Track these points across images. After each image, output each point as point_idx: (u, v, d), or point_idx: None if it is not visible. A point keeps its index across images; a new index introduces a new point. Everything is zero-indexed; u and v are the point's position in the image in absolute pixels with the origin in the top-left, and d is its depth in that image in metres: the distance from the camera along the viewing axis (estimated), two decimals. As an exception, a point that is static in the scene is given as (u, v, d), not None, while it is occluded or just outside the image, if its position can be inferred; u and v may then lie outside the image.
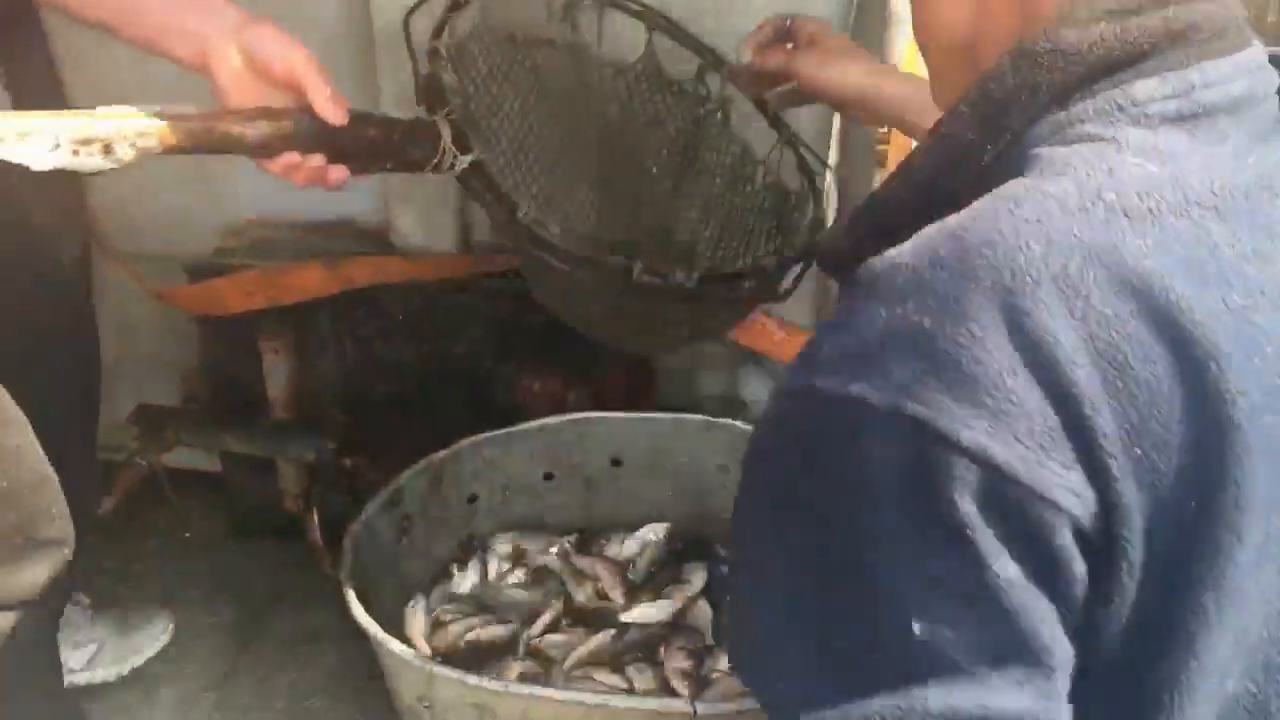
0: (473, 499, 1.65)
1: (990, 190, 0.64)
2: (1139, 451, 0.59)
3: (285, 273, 1.69)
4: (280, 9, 1.60)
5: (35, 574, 1.11)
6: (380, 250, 1.78)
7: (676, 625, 1.52)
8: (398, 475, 1.54)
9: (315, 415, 1.82)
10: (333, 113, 1.07)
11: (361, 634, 1.27)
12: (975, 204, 0.63)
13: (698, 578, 1.59)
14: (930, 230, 0.64)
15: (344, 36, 1.65)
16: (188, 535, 1.93)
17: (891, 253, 0.64)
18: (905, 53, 2.15)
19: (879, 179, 2.14)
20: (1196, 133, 0.66)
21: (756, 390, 1.82)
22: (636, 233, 1.34)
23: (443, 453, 1.59)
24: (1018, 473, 0.58)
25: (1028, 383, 0.58)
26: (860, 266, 0.65)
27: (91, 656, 1.65)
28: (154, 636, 1.71)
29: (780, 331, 1.73)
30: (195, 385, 1.88)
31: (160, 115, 1.04)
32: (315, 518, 1.75)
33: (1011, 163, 0.66)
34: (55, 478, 1.11)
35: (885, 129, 2.70)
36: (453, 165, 1.14)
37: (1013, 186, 0.63)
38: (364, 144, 1.12)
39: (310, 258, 1.74)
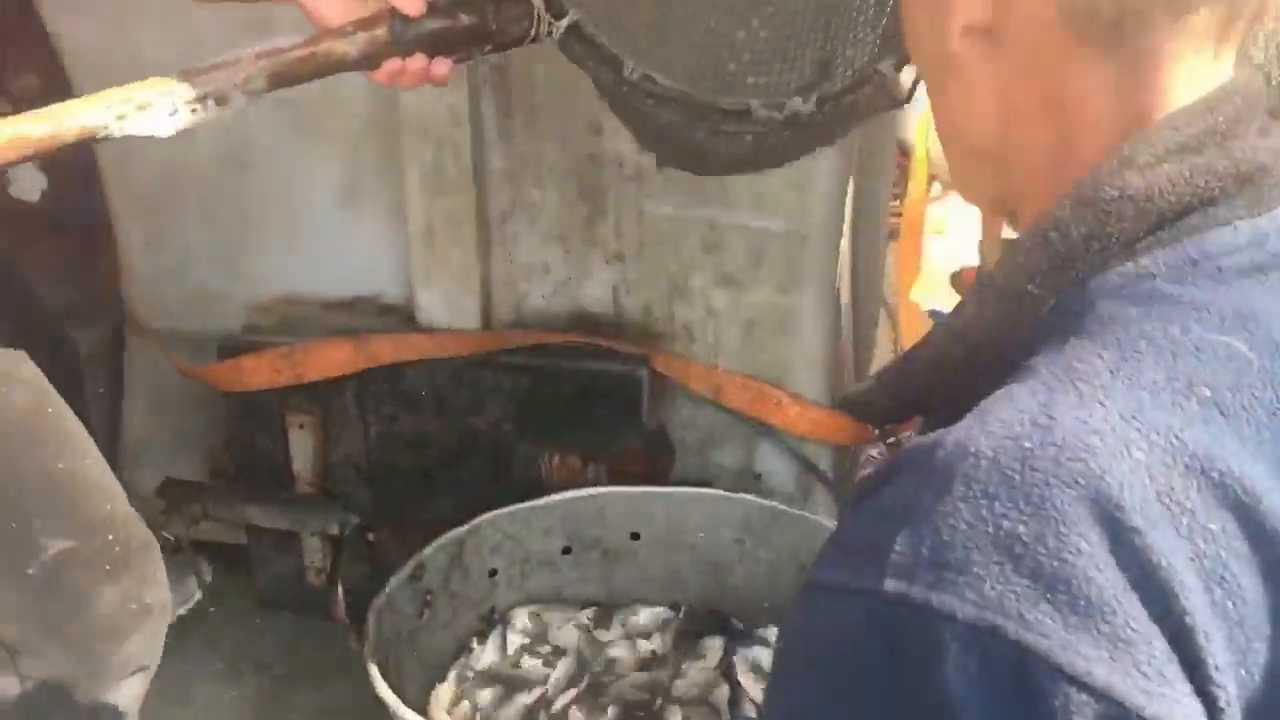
0: (493, 573, 1.67)
1: (1052, 344, 0.60)
2: (1244, 674, 0.54)
3: (312, 350, 1.74)
4: (310, 95, 1.68)
5: (151, 640, 1.13)
6: (404, 327, 1.83)
7: (693, 700, 1.53)
8: (420, 549, 1.57)
9: (339, 489, 1.85)
10: (409, 4, 1.06)
11: (383, 708, 1.29)
12: (1051, 377, 0.58)
13: (714, 652, 1.61)
14: (1003, 411, 0.57)
15: (371, 123, 1.71)
16: (212, 609, 1.95)
17: (960, 436, 0.56)
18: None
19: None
20: (1267, 283, 0.61)
21: (771, 463, 1.85)
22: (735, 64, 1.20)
23: (464, 527, 1.62)
24: (1143, 707, 0.50)
25: (1139, 607, 0.52)
26: (917, 445, 0.59)
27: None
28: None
29: (795, 405, 1.76)
30: (222, 459, 1.91)
31: (261, 55, 1.05)
32: (339, 591, 1.77)
33: (1076, 317, 0.61)
34: (156, 542, 1.13)
35: (896, 200, 2.76)
36: (550, 32, 1.12)
37: (1096, 367, 0.58)
38: (459, 33, 1.10)
39: (337, 334, 1.80)
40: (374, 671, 1.31)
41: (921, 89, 1.01)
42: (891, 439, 1.20)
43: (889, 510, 0.57)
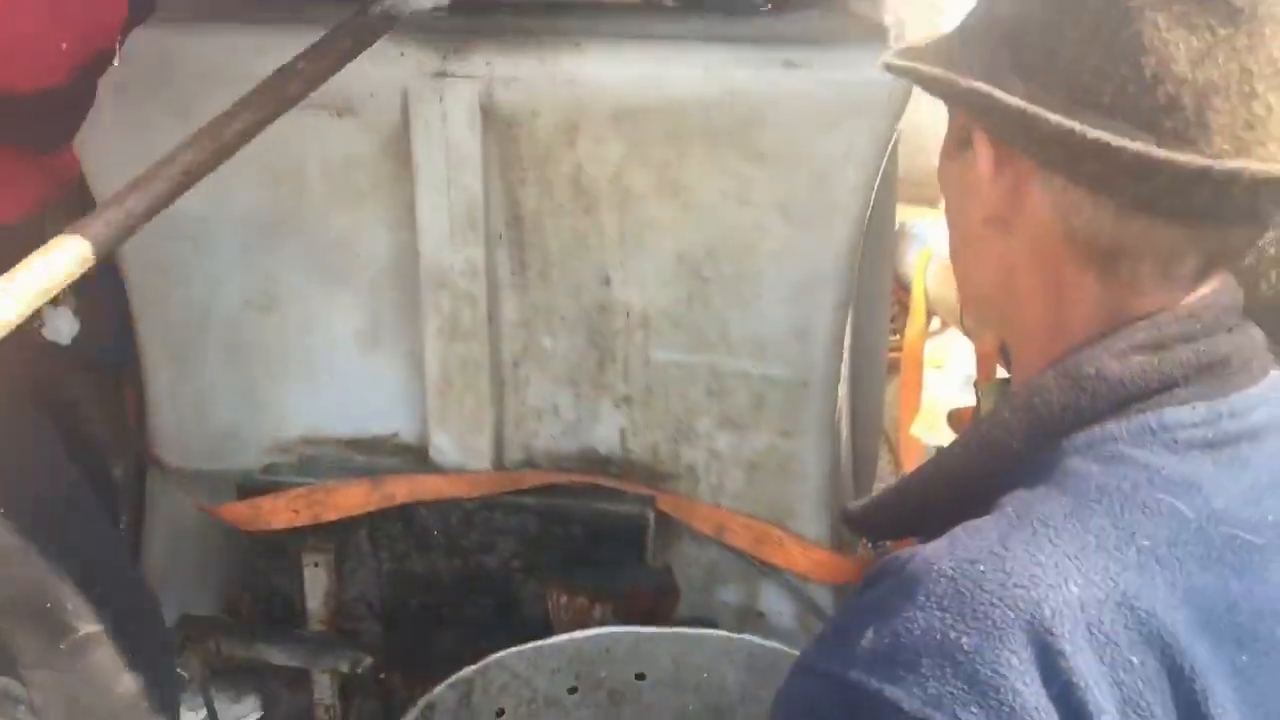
0: (500, 713, 1.70)
1: (1024, 487, 0.71)
2: None
3: (330, 491, 1.80)
4: (331, 241, 1.77)
5: None
6: (419, 465, 1.89)
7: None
8: (429, 689, 1.61)
9: (352, 627, 1.89)
10: None
11: None
12: (1014, 515, 0.69)
13: (719, 794, 1.63)
14: (968, 539, 0.68)
15: (392, 272, 1.80)
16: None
17: (929, 553, 0.68)
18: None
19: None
20: (1220, 459, 0.72)
21: (774, 602, 1.89)
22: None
23: (473, 667, 1.65)
24: None
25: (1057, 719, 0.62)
26: (893, 556, 0.70)
27: None
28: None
29: (796, 546, 1.81)
30: (238, 595, 1.96)
31: None
32: (349, 729, 1.80)
33: (1046, 467, 0.72)
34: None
35: (896, 334, 2.84)
36: None
37: (1053, 510, 0.68)
38: None
39: (353, 472, 1.86)
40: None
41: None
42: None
43: (864, 608, 0.69)
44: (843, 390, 1.83)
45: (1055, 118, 0.71)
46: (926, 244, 3.03)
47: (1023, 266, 0.79)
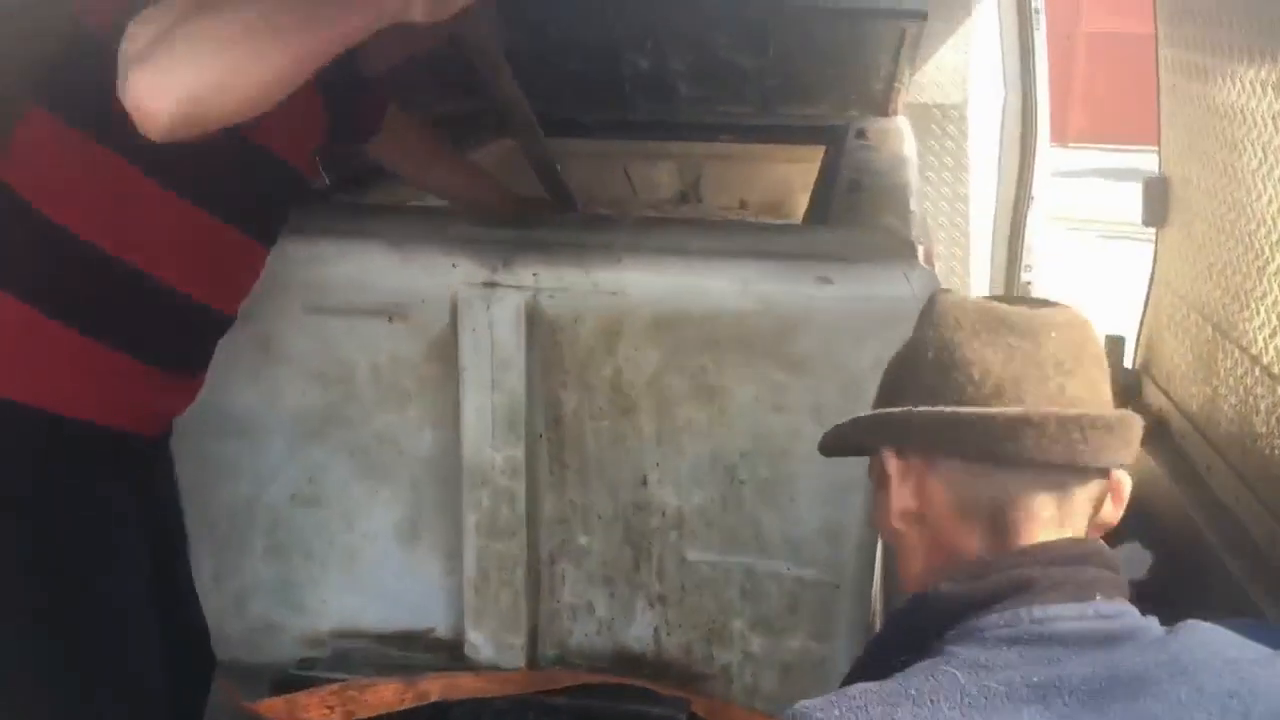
0: None
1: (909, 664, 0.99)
2: None
3: (364, 689, 1.80)
4: (376, 439, 1.83)
5: None
6: (453, 661, 1.90)
7: None
8: None
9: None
10: None
11: None
12: (890, 681, 0.96)
13: None
14: (847, 692, 0.97)
15: (434, 470, 1.85)
16: None
17: (809, 703, 0.97)
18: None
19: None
20: (1026, 653, 0.95)
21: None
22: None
23: None
24: None
25: None
26: (788, 707, 0.98)
27: None
28: None
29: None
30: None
31: None
32: None
33: (916, 653, 1.00)
34: None
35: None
36: None
37: (912, 679, 0.96)
38: None
39: (387, 667, 1.86)
40: None
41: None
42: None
43: None
44: (876, 592, 1.84)
45: (925, 409, 1.04)
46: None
47: (939, 546, 1.07)
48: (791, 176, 3.09)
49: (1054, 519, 1.03)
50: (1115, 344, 2.31)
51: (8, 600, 1.51)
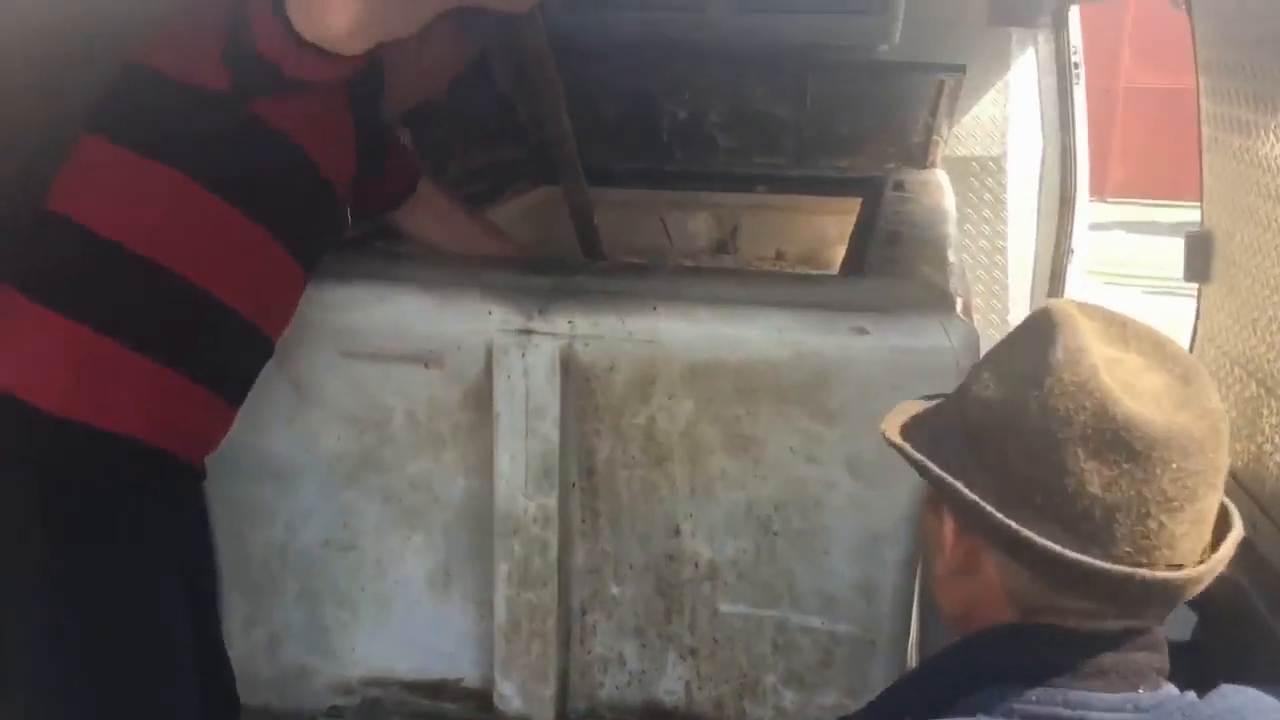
0: None
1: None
2: None
3: (392, 737, 1.79)
4: (411, 484, 1.83)
5: None
6: (482, 712, 1.88)
7: None
8: None
9: None
10: None
11: None
12: None
13: None
14: None
15: (466, 517, 1.84)
16: None
17: None
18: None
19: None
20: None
21: None
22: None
23: None
24: None
25: None
26: None
27: None
28: None
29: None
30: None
31: None
32: None
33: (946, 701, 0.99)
34: None
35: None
36: None
37: None
38: None
39: (417, 717, 1.85)
40: None
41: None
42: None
43: None
44: (912, 650, 1.81)
45: (998, 516, 0.95)
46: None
47: (975, 605, 1.04)
48: (829, 228, 3.09)
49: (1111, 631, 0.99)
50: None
51: (42, 618, 1.51)
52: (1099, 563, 0.93)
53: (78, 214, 1.52)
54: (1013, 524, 0.94)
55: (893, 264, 1.90)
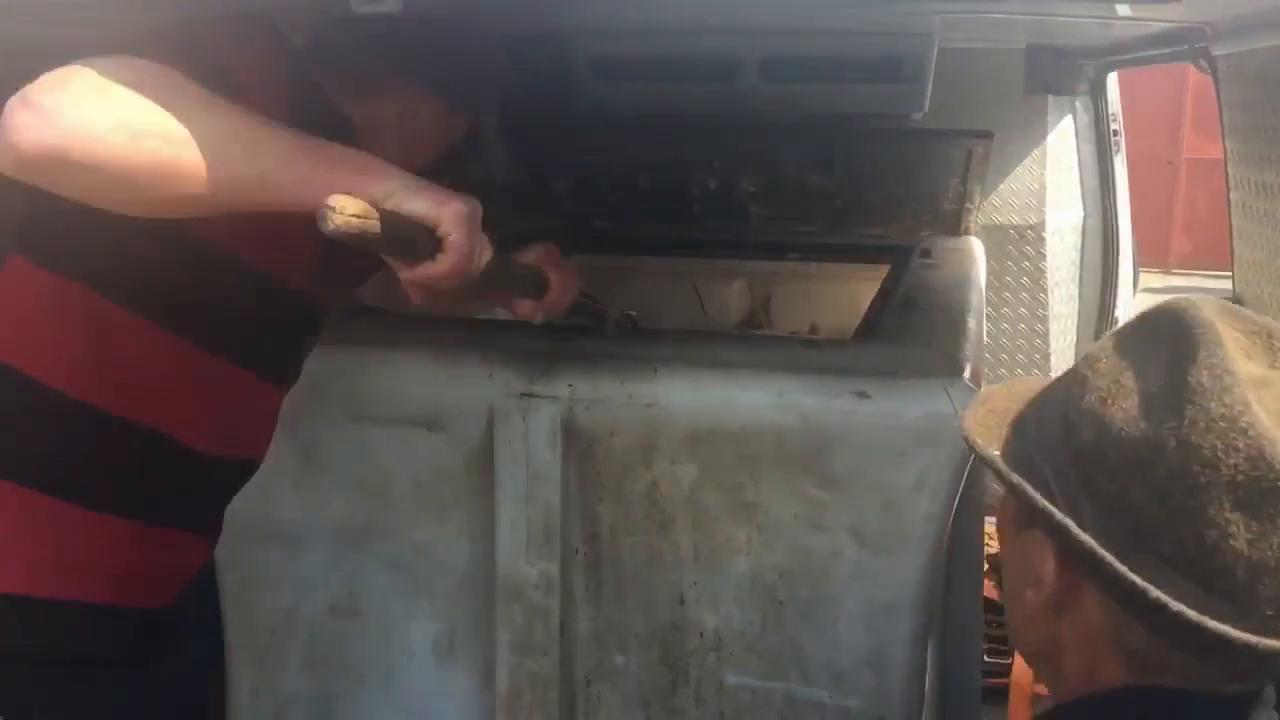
0: None
1: None
2: None
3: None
4: (415, 550, 1.81)
5: None
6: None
7: None
8: None
9: None
10: None
11: None
12: None
13: None
14: None
15: (470, 584, 1.82)
16: None
17: None
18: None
19: None
20: None
21: None
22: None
23: None
24: None
25: None
26: None
27: None
28: None
29: None
30: None
31: None
32: None
33: None
34: None
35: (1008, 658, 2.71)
36: None
37: None
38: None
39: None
40: None
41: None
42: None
43: None
44: (925, 723, 1.75)
45: (1122, 568, 0.80)
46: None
47: (1067, 647, 0.90)
48: (862, 297, 3.06)
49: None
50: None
51: None
52: (1250, 636, 0.78)
53: (5, 352, 1.38)
54: (1141, 582, 0.79)
55: (905, 330, 1.87)
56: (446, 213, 1.27)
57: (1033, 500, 0.85)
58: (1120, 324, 3.38)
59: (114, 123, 1.13)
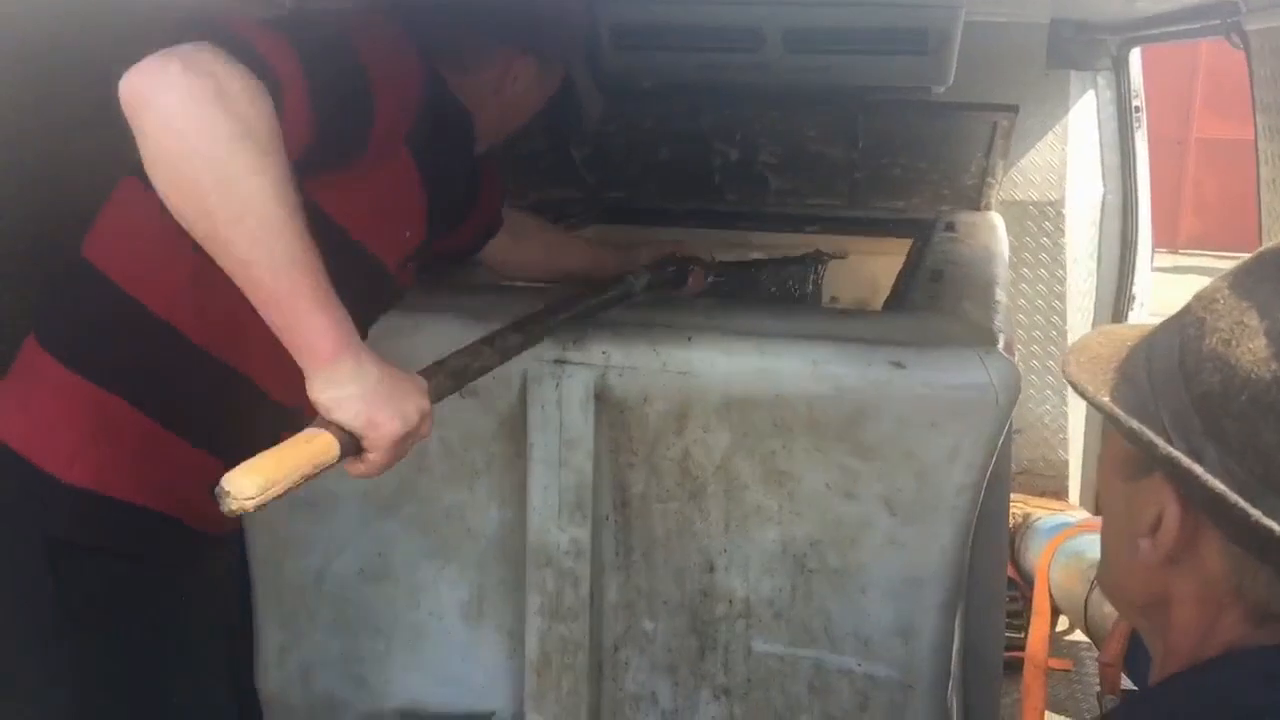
0: None
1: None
2: None
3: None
4: (445, 515, 1.82)
5: None
6: (512, 744, 1.86)
7: None
8: None
9: None
10: None
11: None
12: None
13: None
14: None
15: (499, 549, 1.83)
16: None
17: None
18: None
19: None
20: None
21: None
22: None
23: None
24: None
25: None
26: None
27: None
28: None
29: None
30: None
31: None
32: None
33: None
34: None
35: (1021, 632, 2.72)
36: None
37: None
38: None
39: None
40: None
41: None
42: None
43: None
44: (952, 695, 1.76)
45: (1255, 513, 0.76)
46: (1051, 540, 2.97)
47: (1182, 599, 0.86)
48: (882, 271, 3.06)
49: None
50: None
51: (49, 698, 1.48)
52: None
53: (105, 264, 1.46)
54: (1277, 525, 0.76)
55: (935, 300, 1.87)
56: (375, 436, 1.29)
57: (1154, 445, 0.81)
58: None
59: (223, 151, 1.17)
